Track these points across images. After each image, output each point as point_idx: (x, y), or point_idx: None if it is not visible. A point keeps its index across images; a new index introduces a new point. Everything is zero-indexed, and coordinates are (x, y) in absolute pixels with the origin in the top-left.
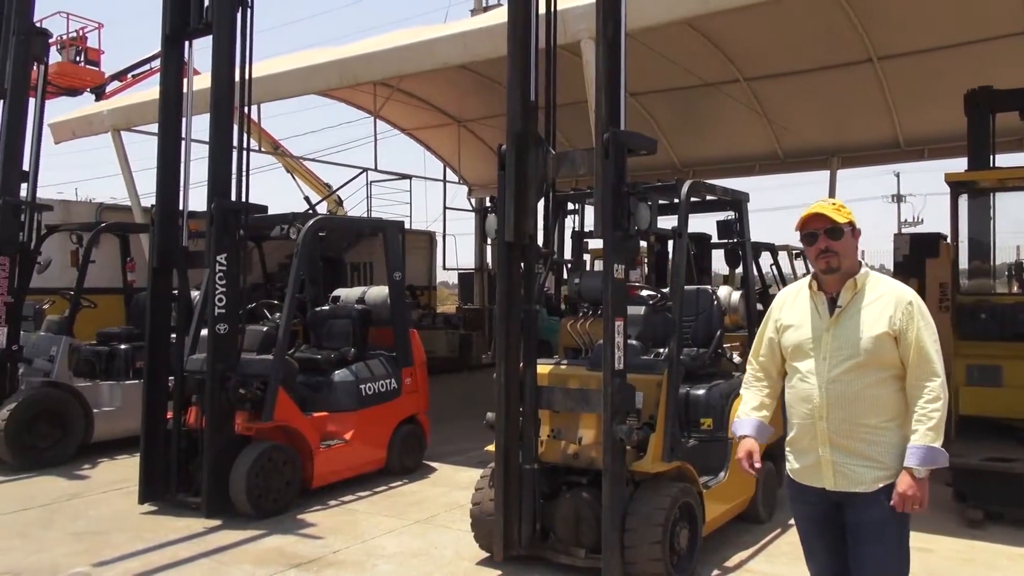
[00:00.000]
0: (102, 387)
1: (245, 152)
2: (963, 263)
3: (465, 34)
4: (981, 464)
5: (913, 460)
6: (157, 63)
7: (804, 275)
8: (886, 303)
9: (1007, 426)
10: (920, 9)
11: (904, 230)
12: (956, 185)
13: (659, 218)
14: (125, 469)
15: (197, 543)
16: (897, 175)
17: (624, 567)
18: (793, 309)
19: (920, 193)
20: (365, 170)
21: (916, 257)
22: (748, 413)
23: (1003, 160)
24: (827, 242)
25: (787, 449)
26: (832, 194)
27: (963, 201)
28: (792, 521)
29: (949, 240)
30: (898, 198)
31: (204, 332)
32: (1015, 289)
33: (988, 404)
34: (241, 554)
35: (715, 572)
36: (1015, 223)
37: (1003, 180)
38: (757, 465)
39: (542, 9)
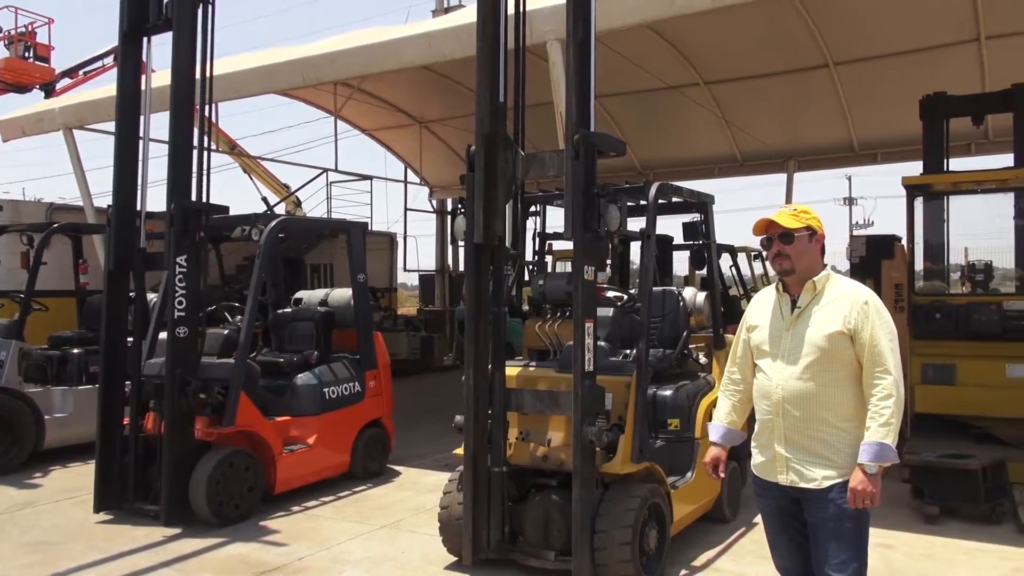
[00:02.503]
0: (54, 392)
1: (206, 152)
2: (918, 264)
3: (430, 34)
4: (937, 461)
5: (865, 456)
6: (110, 60)
7: (763, 276)
8: (842, 303)
9: (961, 423)
10: (875, 16)
11: (855, 232)
12: (912, 188)
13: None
14: (79, 477)
15: (157, 552)
16: (849, 178)
17: (594, 569)
18: (761, 310)
19: (871, 196)
20: (325, 170)
21: (872, 258)
22: (720, 419)
23: (956, 164)
24: (779, 247)
25: (752, 445)
26: (789, 196)
27: (919, 204)
28: (756, 520)
29: (904, 242)
30: (850, 200)
31: (163, 335)
32: (967, 290)
33: (943, 402)
34: (203, 563)
35: (683, 572)
36: (967, 226)
37: (957, 184)
38: (721, 475)
39: (511, 10)
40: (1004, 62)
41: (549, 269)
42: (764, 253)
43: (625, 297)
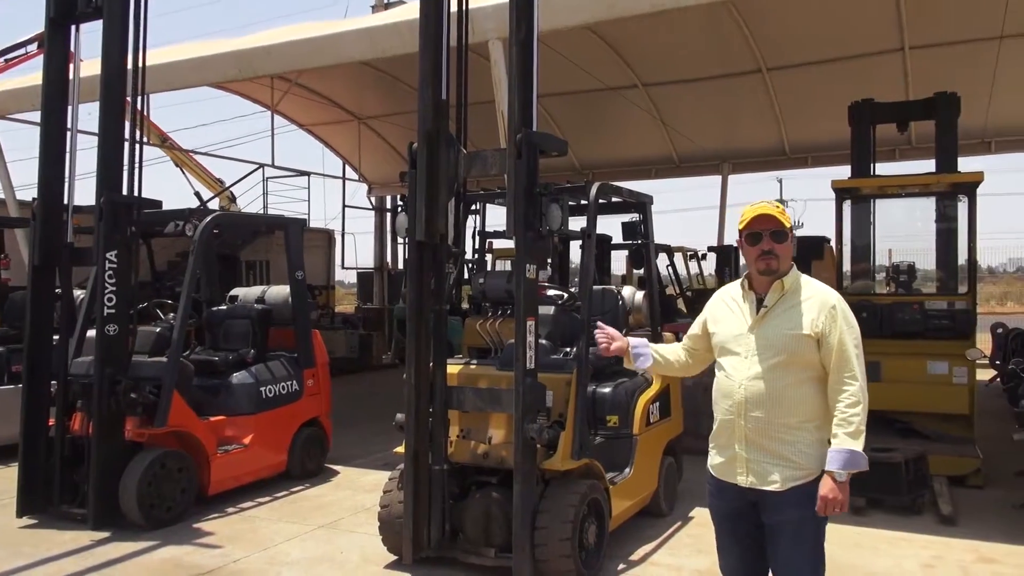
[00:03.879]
0: None
1: (137, 145)
2: (846, 265)
3: (371, 29)
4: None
5: (835, 464)
6: (34, 47)
7: (698, 275)
8: (810, 305)
9: (886, 418)
10: (806, 24)
11: None
12: (841, 191)
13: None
14: (1, 480)
15: (84, 557)
16: (780, 181)
17: (534, 564)
18: (723, 308)
19: (801, 198)
20: (261, 166)
21: (802, 259)
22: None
23: (882, 169)
24: (771, 244)
25: (710, 444)
26: (724, 198)
27: (847, 207)
28: (693, 514)
29: (833, 244)
30: (781, 202)
31: (91, 333)
32: (892, 290)
33: (869, 398)
34: (133, 567)
35: (621, 566)
36: (893, 228)
37: (883, 187)
38: (603, 339)
39: (453, 7)
40: (927, 72)
41: (489, 268)
42: (745, 248)
43: (566, 296)
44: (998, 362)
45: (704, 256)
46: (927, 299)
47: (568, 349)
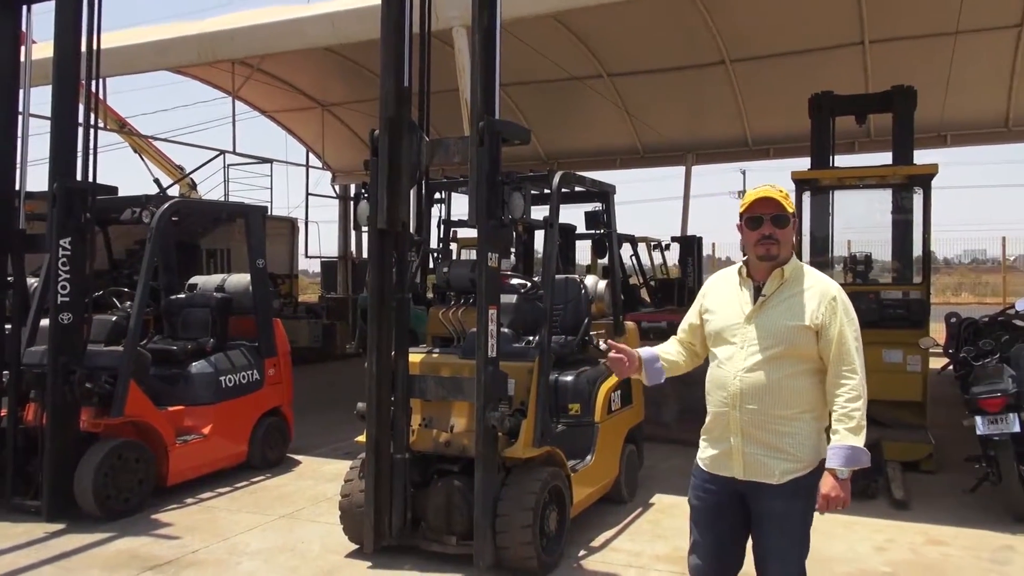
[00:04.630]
0: None
1: (92, 129)
2: (805, 256)
3: (334, 14)
4: None
5: (836, 461)
6: None
7: (661, 266)
8: (810, 296)
9: None
10: (768, 17)
11: None
12: (800, 183)
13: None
14: None
15: (38, 549)
16: (743, 172)
17: (496, 552)
18: (719, 295)
19: None
20: (222, 152)
21: None
22: (655, 349)
23: (841, 161)
24: (772, 229)
25: (702, 437)
26: (687, 188)
27: (806, 198)
28: (653, 500)
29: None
30: (742, 194)
31: (44, 322)
32: (849, 280)
33: None
34: (89, 559)
35: (582, 552)
36: (851, 219)
37: (841, 179)
38: (612, 351)
39: None
40: (885, 65)
41: (454, 257)
42: (745, 233)
43: (528, 284)
44: (951, 351)
45: (668, 246)
46: (883, 289)
47: (531, 337)
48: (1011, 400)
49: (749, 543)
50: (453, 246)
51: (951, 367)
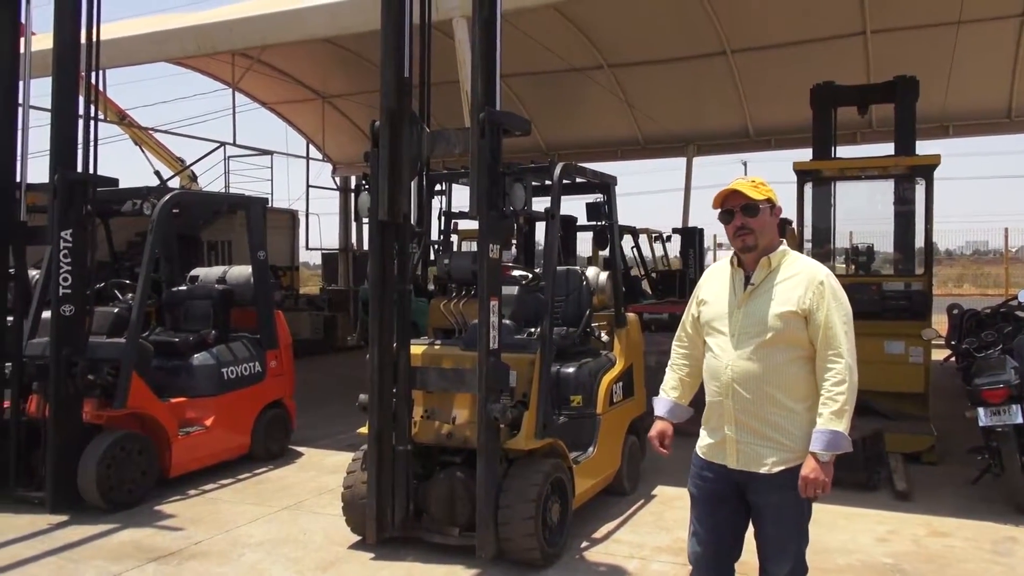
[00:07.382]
0: None
1: (92, 121)
2: (807, 247)
3: (334, 5)
4: None
5: (818, 445)
6: None
7: (663, 257)
8: (798, 282)
9: None
10: (769, 6)
11: None
12: (802, 173)
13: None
14: None
15: (42, 541)
16: (745, 163)
17: (498, 543)
18: (712, 285)
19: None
20: (222, 144)
21: None
22: (666, 392)
23: (843, 151)
24: (743, 219)
25: (701, 426)
26: (688, 180)
27: (808, 188)
28: (655, 492)
29: (795, 225)
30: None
31: (47, 314)
32: (851, 271)
33: None
34: (93, 550)
35: (584, 543)
36: (852, 210)
37: (843, 170)
38: (665, 451)
39: None
40: (887, 55)
41: (455, 248)
42: (725, 228)
43: (530, 276)
44: (953, 342)
45: (669, 238)
46: (885, 280)
47: (532, 329)
48: (1013, 391)
49: (750, 533)
50: (454, 238)
51: (953, 358)
